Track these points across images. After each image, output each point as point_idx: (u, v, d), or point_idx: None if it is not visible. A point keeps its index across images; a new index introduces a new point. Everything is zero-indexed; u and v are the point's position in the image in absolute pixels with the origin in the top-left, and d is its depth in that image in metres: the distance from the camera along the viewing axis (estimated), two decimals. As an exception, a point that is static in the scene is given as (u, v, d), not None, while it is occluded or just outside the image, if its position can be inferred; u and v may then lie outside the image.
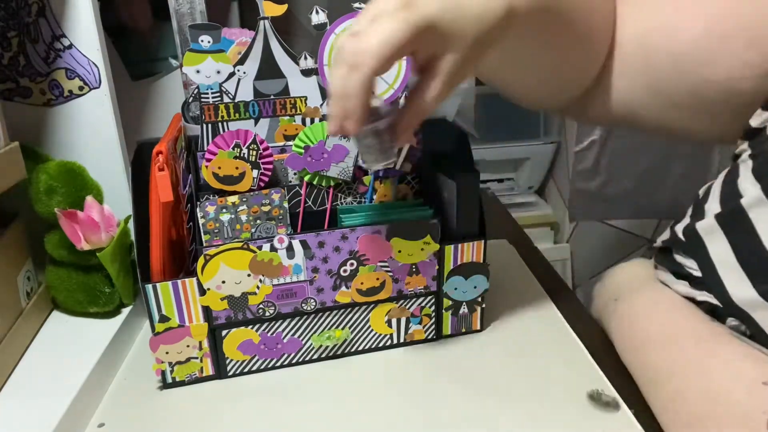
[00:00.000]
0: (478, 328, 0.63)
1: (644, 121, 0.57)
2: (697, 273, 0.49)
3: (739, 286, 0.46)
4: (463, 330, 0.62)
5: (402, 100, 0.45)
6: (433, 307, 0.60)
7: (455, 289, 0.60)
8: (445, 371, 0.57)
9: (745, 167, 0.47)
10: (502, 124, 1.58)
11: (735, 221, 0.46)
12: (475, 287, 0.60)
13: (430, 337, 0.61)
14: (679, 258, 0.52)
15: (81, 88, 0.63)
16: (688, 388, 0.44)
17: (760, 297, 0.44)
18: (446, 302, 0.60)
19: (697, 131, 0.55)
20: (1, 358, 0.53)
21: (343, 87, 0.39)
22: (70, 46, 0.62)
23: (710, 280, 0.48)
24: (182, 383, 0.56)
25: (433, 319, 0.61)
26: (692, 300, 0.51)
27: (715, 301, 0.48)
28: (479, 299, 0.61)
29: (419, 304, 0.59)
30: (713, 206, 0.49)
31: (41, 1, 0.60)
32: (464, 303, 0.61)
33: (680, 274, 0.52)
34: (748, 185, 0.46)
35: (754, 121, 0.47)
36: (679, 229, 0.52)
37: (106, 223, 0.60)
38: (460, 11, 0.40)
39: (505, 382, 0.55)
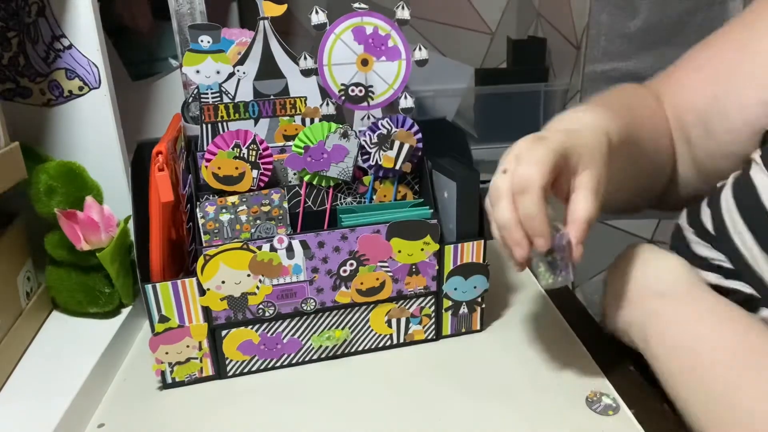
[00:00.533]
0: (478, 328, 0.63)
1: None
2: (728, 265, 0.49)
3: None
4: (463, 330, 0.62)
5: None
6: (433, 307, 0.60)
7: (455, 289, 0.60)
8: (445, 371, 0.57)
9: (758, 167, 0.48)
10: (502, 124, 1.58)
11: (754, 212, 0.47)
12: (475, 287, 0.60)
13: (430, 337, 0.61)
14: (705, 251, 0.52)
15: (81, 89, 0.63)
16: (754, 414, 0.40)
17: None
18: (446, 302, 0.60)
19: None
20: (1, 358, 0.53)
21: (520, 214, 0.44)
22: (70, 46, 0.62)
23: (744, 272, 0.48)
24: (182, 383, 0.56)
25: (433, 319, 0.61)
26: (721, 289, 0.49)
27: (749, 290, 0.47)
28: (479, 299, 0.61)
29: (419, 304, 0.59)
30: (728, 195, 0.49)
31: (41, 1, 0.60)
32: (464, 303, 0.61)
33: (709, 266, 0.51)
34: (760, 177, 0.47)
35: None
36: (707, 221, 0.51)
37: (106, 223, 0.60)
38: (579, 140, 0.47)
39: (505, 382, 0.55)
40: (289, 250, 0.53)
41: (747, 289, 0.48)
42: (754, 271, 0.47)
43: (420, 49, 0.59)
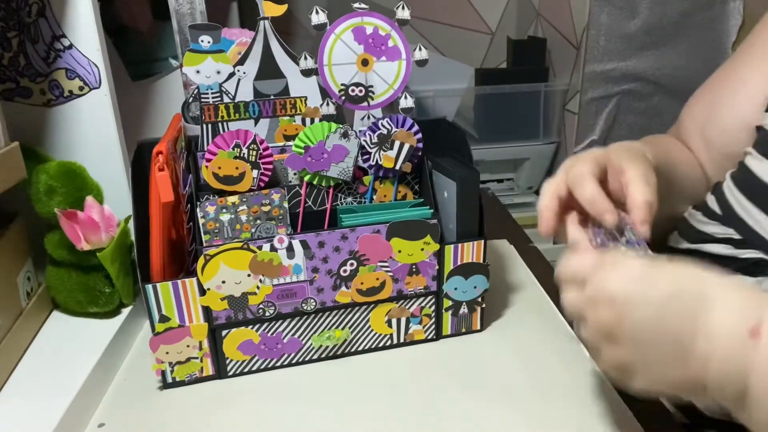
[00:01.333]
0: (478, 328, 0.63)
1: None
2: (737, 236, 0.53)
3: None
4: (463, 330, 0.62)
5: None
6: (433, 307, 0.60)
7: (455, 289, 0.60)
8: (445, 371, 0.57)
9: (749, 155, 0.53)
10: (501, 124, 1.58)
11: (755, 189, 0.52)
12: (475, 287, 0.60)
13: (430, 337, 0.61)
14: (712, 228, 0.56)
15: (81, 88, 0.63)
16: None
17: None
18: (446, 302, 0.60)
19: None
20: (1, 358, 0.53)
21: (583, 202, 0.47)
22: (70, 46, 0.62)
23: (753, 240, 0.51)
24: (182, 383, 0.56)
25: (433, 319, 0.61)
26: (730, 258, 0.53)
27: (758, 255, 0.51)
28: (479, 299, 0.61)
29: (419, 304, 0.59)
30: (729, 183, 0.54)
31: (41, 1, 0.60)
32: (464, 303, 0.61)
33: (718, 239, 0.55)
34: (756, 164, 0.52)
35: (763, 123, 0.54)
36: (713, 204, 0.56)
37: (106, 223, 0.60)
38: (617, 149, 0.50)
39: (505, 382, 0.55)
40: (290, 250, 0.53)
41: (756, 254, 0.51)
42: (762, 237, 0.51)
43: (420, 49, 0.59)
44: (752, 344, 0.35)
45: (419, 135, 0.59)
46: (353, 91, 0.59)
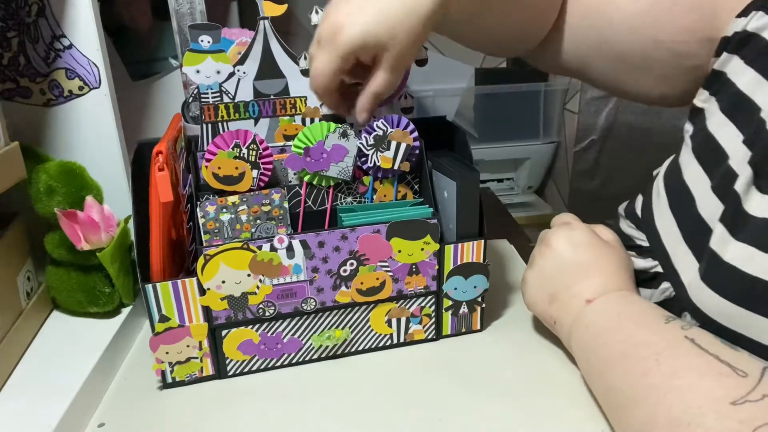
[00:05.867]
0: (478, 328, 0.63)
1: (594, 77, 0.63)
2: (645, 243, 0.55)
3: (684, 263, 0.49)
4: (463, 330, 0.62)
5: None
6: (433, 307, 0.60)
7: (455, 289, 0.60)
8: (445, 371, 0.57)
9: (686, 147, 0.51)
10: (501, 124, 1.58)
11: (680, 198, 0.50)
12: (475, 287, 0.60)
13: (430, 337, 0.61)
14: (628, 229, 0.57)
15: (81, 88, 0.63)
16: (656, 416, 0.40)
17: (701, 280, 0.46)
18: (446, 302, 0.60)
19: (646, 91, 0.59)
20: (1, 358, 0.53)
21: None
22: (70, 46, 0.62)
23: (659, 255, 0.52)
24: (182, 383, 0.56)
25: (433, 319, 0.61)
26: (641, 272, 0.54)
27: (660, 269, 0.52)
28: (479, 299, 0.61)
29: (419, 304, 0.60)
30: (659, 184, 0.53)
31: (41, 1, 0.60)
32: (464, 303, 0.61)
33: (628, 246, 0.56)
34: (687, 163, 0.50)
35: (697, 101, 0.51)
36: (638, 205, 0.57)
37: (106, 223, 0.60)
38: (386, 23, 0.47)
39: (505, 382, 0.55)
40: (290, 249, 0.53)
41: (652, 263, 0.53)
42: (664, 247, 0.51)
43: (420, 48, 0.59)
44: (584, 305, 0.52)
45: (416, 134, 0.59)
46: (353, 91, 0.59)
